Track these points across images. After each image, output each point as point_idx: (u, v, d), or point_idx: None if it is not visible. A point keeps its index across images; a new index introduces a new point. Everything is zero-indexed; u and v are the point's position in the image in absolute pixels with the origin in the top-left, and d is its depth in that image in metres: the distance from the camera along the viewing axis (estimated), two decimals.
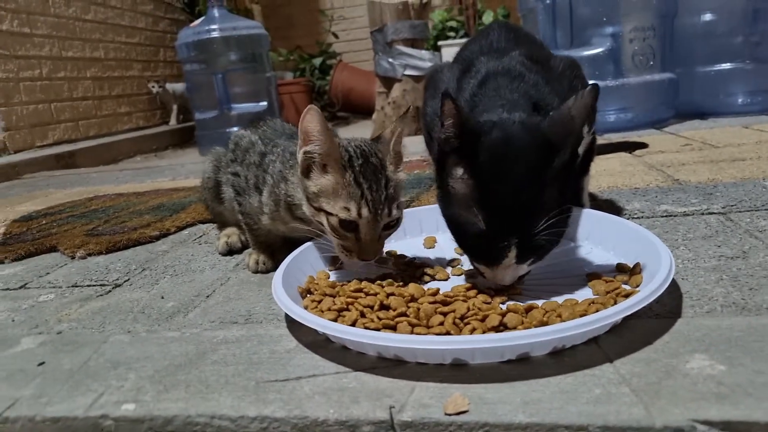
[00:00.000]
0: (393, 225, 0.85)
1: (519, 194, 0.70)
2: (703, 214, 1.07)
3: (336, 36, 5.83)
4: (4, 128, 3.33)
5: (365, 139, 0.88)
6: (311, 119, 0.78)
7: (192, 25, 3.50)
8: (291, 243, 0.92)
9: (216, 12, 3.42)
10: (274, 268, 0.84)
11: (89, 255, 1.22)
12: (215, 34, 3.34)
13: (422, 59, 3.29)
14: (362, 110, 5.18)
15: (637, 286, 0.75)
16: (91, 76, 4.16)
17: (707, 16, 2.37)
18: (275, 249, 0.97)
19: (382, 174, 0.81)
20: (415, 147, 2.28)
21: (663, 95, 2.28)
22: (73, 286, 1.05)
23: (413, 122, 3.44)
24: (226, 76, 3.45)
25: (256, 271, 0.95)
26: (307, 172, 0.82)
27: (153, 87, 4.74)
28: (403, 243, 1.05)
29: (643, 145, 1.76)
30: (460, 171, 0.74)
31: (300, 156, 0.82)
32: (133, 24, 4.73)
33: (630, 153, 1.74)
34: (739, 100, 2.34)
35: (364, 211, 0.79)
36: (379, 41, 3.30)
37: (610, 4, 2.22)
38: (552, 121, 0.74)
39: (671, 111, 2.35)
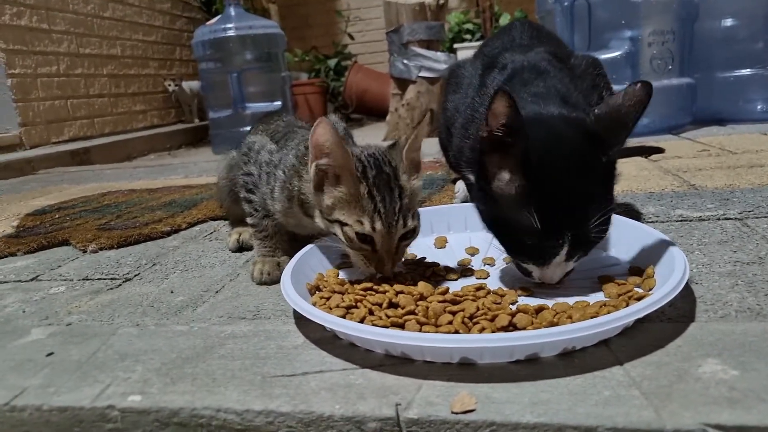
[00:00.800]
0: (410, 236, 0.83)
1: (573, 191, 0.70)
2: (719, 219, 1.06)
3: (352, 37, 5.84)
4: (21, 123, 3.37)
5: (379, 146, 0.86)
6: (323, 132, 0.77)
7: (208, 23, 3.53)
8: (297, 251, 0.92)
9: (232, 11, 3.44)
10: (279, 279, 0.84)
11: (101, 249, 1.23)
12: (231, 33, 3.36)
13: (437, 61, 3.28)
14: (377, 112, 5.18)
15: (650, 289, 0.74)
16: (108, 74, 4.20)
17: (728, 21, 2.34)
18: (281, 258, 0.96)
19: (396, 184, 0.80)
20: (427, 149, 2.29)
21: (681, 100, 2.26)
22: (83, 279, 1.06)
23: (427, 125, 3.45)
24: (241, 75, 3.47)
25: (260, 282, 0.93)
26: (320, 186, 0.81)
27: (169, 85, 4.78)
28: (413, 243, 1.04)
29: (659, 150, 1.72)
30: (507, 170, 0.72)
31: (312, 170, 0.80)
32: (150, 22, 4.77)
33: (646, 158, 1.72)
34: (759, 107, 2.31)
35: (378, 225, 0.78)
36: (394, 42, 3.30)
37: (629, 7, 2.20)
38: (601, 117, 0.73)
39: (689, 116, 2.32)
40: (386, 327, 0.69)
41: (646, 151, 1.75)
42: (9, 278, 1.10)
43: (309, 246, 0.93)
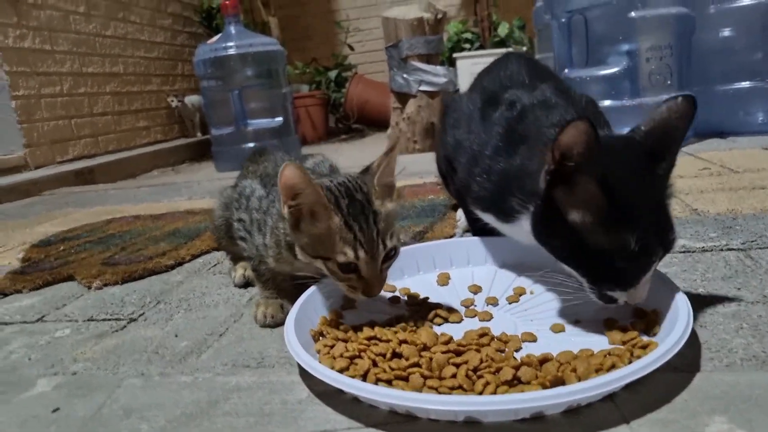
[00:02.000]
0: (392, 256, 0.84)
1: (651, 207, 0.71)
2: (722, 250, 1.05)
3: (351, 48, 5.86)
4: (26, 144, 3.39)
5: (350, 173, 0.87)
6: (292, 176, 0.77)
7: (209, 42, 3.54)
8: (301, 291, 0.92)
9: (233, 29, 3.46)
10: (283, 321, 0.84)
11: (105, 285, 1.23)
12: (232, 52, 3.37)
13: (437, 75, 3.29)
14: (378, 123, 5.20)
15: (655, 335, 0.74)
16: (111, 92, 4.22)
17: (726, 32, 2.34)
18: (284, 300, 0.96)
19: (369, 209, 0.81)
20: (427, 166, 2.28)
21: None
22: (88, 320, 1.06)
23: (427, 138, 3.45)
24: (243, 93, 3.48)
25: (264, 325, 0.93)
26: (296, 225, 0.82)
27: (172, 101, 4.80)
28: (416, 279, 1.05)
29: None
30: (585, 199, 0.72)
31: (286, 211, 0.81)
32: (152, 39, 4.79)
33: None
34: (759, 119, 2.30)
35: (361, 253, 0.79)
36: (393, 57, 3.31)
37: (626, 22, 2.20)
38: (650, 133, 0.74)
39: (690, 130, 2.31)
40: (390, 380, 0.69)
41: None
42: (15, 319, 1.11)
43: (311, 288, 0.93)
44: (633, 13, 2.17)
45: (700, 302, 0.85)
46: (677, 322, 0.69)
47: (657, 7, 2.18)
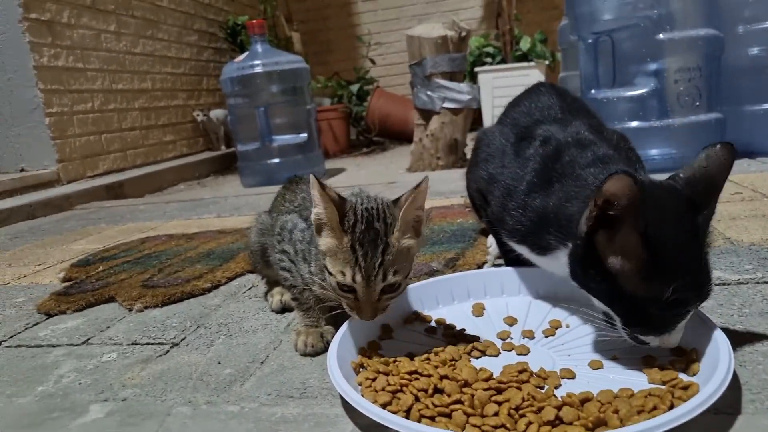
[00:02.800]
0: (394, 289, 0.87)
1: (690, 258, 0.73)
2: (758, 283, 1.06)
3: (373, 62, 5.92)
4: (58, 160, 3.47)
5: (383, 199, 0.90)
6: (311, 188, 0.85)
7: (236, 60, 3.61)
8: (338, 321, 0.94)
9: (260, 47, 3.52)
10: (323, 350, 0.86)
11: (146, 308, 1.27)
12: (258, 70, 3.43)
13: (461, 92, 3.31)
14: (399, 136, 5.24)
15: (695, 374, 0.75)
16: (139, 107, 4.31)
17: (755, 50, 2.34)
18: (324, 329, 0.98)
19: (382, 240, 0.84)
20: (452, 185, 2.30)
21: (710, 136, 2.24)
22: (133, 344, 1.10)
23: (451, 154, 3.47)
24: (268, 109, 3.53)
25: (304, 354, 0.96)
26: (319, 230, 0.88)
27: (198, 116, 4.89)
28: (451, 309, 1.07)
29: None
30: (624, 246, 0.73)
31: (312, 216, 0.87)
32: (179, 55, 4.89)
33: None
34: None
35: (358, 277, 0.83)
36: (417, 74, 3.35)
37: (654, 43, 2.20)
38: (690, 181, 0.76)
39: None
40: (434, 417, 0.71)
41: None
42: (62, 341, 1.15)
43: (351, 320, 0.95)
44: (661, 35, 2.18)
45: (739, 339, 0.86)
46: (719, 363, 0.70)
47: (685, 29, 2.18)
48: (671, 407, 0.66)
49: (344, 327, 0.93)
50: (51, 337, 1.17)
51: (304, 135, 3.65)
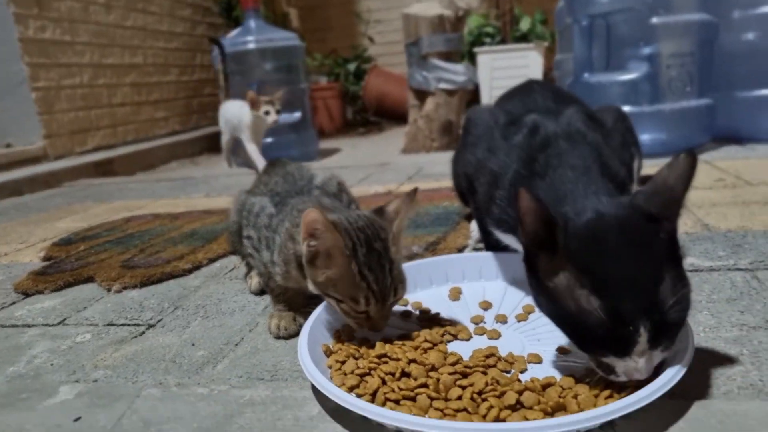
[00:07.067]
0: (400, 297, 0.87)
1: (636, 275, 0.66)
2: (729, 269, 1.06)
3: (372, 40, 5.85)
4: (45, 135, 3.45)
5: (366, 215, 0.87)
6: (314, 221, 0.79)
7: (228, 35, 3.57)
8: (314, 304, 0.94)
9: (253, 23, 3.48)
10: (297, 333, 0.87)
11: (125, 288, 1.27)
12: (251, 46, 3.39)
13: (456, 73, 3.29)
14: (396, 116, 5.20)
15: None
16: (130, 82, 4.27)
17: (749, 35, 2.32)
18: (297, 312, 0.98)
19: (386, 259, 0.83)
20: (444, 167, 2.29)
21: (700, 121, 2.24)
22: (108, 325, 1.10)
23: (445, 135, 3.45)
24: (261, 87, 3.50)
25: (278, 337, 0.96)
26: (312, 261, 0.83)
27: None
28: (429, 293, 1.07)
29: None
30: (557, 265, 0.69)
31: (304, 248, 0.83)
32: (171, 29, 4.83)
33: None
34: None
35: (372, 302, 0.82)
36: (413, 54, 3.32)
37: (648, 28, 2.18)
38: (650, 195, 0.71)
39: (707, 137, 2.31)
40: (398, 400, 0.71)
41: None
42: (37, 321, 1.15)
43: (324, 303, 0.95)
44: (655, 19, 2.15)
45: (704, 325, 0.87)
46: (678, 351, 0.71)
47: (680, 14, 2.16)
48: (631, 392, 0.67)
49: (318, 310, 0.93)
50: (27, 317, 1.18)
51: (298, 114, 3.62)
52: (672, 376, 0.66)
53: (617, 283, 0.65)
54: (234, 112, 3.23)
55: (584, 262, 0.67)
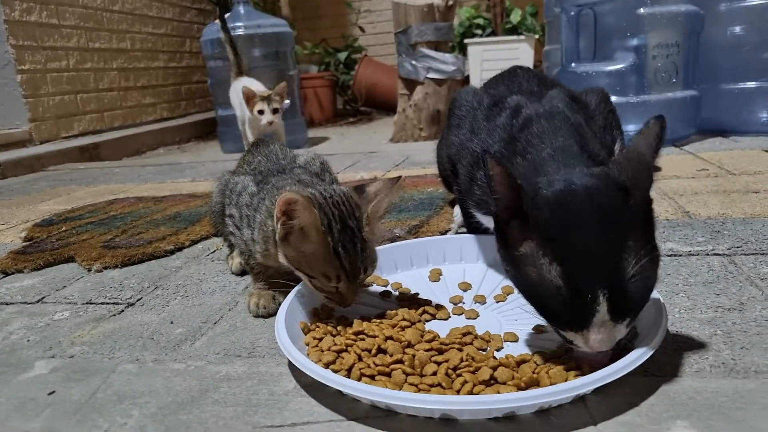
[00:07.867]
0: (369, 274, 0.88)
1: (597, 244, 0.65)
2: (707, 254, 1.07)
3: (362, 30, 5.83)
4: (31, 119, 3.41)
5: (344, 191, 0.87)
6: (290, 202, 0.79)
7: (217, 21, 3.53)
8: (294, 282, 0.94)
9: (242, 9, 3.45)
10: (275, 312, 0.87)
11: (105, 268, 1.27)
12: (240, 32, 3.36)
13: (445, 62, 3.28)
14: (386, 106, 5.18)
15: (630, 340, 0.76)
16: (117, 67, 4.23)
17: (736, 29, 2.33)
18: (276, 291, 0.98)
19: (358, 237, 0.83)
20: (431, 155, 2.30)
21: (684, 113, 2.25)
22: (87, 303, 1.09)
23: (433, 125, 3.45)
24: (250, 74, 3.47)
25: (257, 315, 0.96)
26: (285, 237, 0.83)
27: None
28: (409, 274, 1.07)
29: (656, 169, 1.74)
30: (523, 233, 0.69)
31: (278, 226, 0.82)
32: (160, 14, 4.78)
33: None
34: (763, 119, 2.30)
35: (343, 280, 0.83)
36: (402, 43, 3.30)
37: (635, 18, 2.19)
38: (619, 163, 0.70)
39: (692, 128, 2.32)
40: (374, 376, 0.72)
41: None
42: (15, 299, 1.14)
43: (302, 283, 0.95)
44: (642, 10, 2.16)
45: (679, 306, 0.87)
46: (651, 328, 0.71)
47: (666, 5, 2.17)
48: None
49: (296, 288, 0.93)
50: (5, 295, 1.17)
51: (287, 102, 3.60)
52: (642, 352, 0.67)
53: (577, 252, 0.65)
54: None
55: (548, 230, 0.67)
